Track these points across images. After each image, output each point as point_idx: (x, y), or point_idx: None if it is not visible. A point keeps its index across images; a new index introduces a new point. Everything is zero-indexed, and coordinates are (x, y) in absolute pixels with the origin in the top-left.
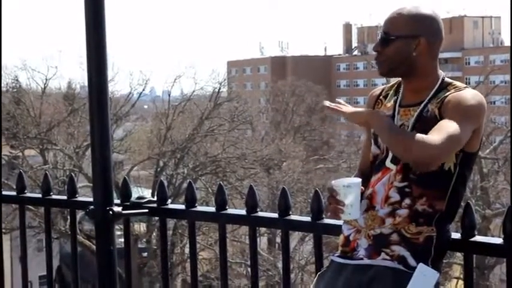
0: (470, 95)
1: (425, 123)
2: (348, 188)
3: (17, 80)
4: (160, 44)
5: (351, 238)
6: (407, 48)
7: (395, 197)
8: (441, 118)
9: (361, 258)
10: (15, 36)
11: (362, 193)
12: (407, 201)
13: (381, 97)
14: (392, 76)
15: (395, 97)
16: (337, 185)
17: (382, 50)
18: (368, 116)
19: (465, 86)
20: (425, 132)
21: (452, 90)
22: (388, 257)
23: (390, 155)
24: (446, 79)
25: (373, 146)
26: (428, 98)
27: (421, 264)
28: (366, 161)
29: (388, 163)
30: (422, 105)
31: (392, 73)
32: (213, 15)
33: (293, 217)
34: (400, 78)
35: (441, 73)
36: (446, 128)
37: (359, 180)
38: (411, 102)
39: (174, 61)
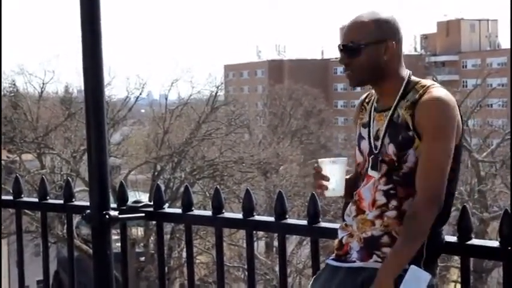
0: (441, 105)
1: (396, 129)
2: (333, 164)
3: (14, 84)
4: (157, 48)
5: (344, 241)
6: (378, 53)
7: (381, 199)
8: (414, 129)
9: (354, 261)
10: (12, 40)
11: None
12: (393, 202)
13: (364, 103)
14: (363, 85)
15: (373, 103)
16: (323, 161)
17: (351, 61)
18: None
19: (432, 83)
20: (397, 137)
21: (421, 91)
22: (379, 260)
23: (370, 162)
24: (413, 78)
25: (357, 152)
26: (396, 102)
27: (412, 266)
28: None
29: (369, 171)
30: (391, 110)
31: (364, 82)
32: (210, 19)
33: (289, 221)
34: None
35: (407, 72)
36: (429, 168)
37: (344, 158)
38: (384, 106)
39: (171, 65)
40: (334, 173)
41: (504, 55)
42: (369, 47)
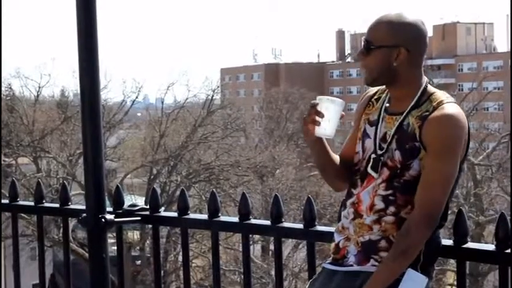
0: (450, 124)
1: (404, 137)
2: (331, 102)
3: (10, 87)
4: (154, 52)
5: (341, 245)
6: (388, 58)
7: (379, 204)
8: (421, 140)
9: (351, 265)
10: (8, 44)
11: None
12: (391, 209)
13: (372, 99)
14: (376, 85)
15: (383, 102)
16: (321, 98)
17: (364, 59)
18: None
19: (447, 97)
20: (404, 145)
21: (434, 104)
22: (377, 264)
23: (371, 161)
24: (429, 88)
25: (359, 148)
26: (408, 109)
27: (409, 270)
28: (347, 151)
29: (369, 169)
30: (402, 116)
31: (376, 82)
32: (206, 22)
33: (285, 224)
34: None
35: (424, 81)
36: (430, 185)
37: (343, 101)
38: (395, 110)
39: (167, 68)
40: (330, 111)
41: (500, 58)
42: (380, 50)
